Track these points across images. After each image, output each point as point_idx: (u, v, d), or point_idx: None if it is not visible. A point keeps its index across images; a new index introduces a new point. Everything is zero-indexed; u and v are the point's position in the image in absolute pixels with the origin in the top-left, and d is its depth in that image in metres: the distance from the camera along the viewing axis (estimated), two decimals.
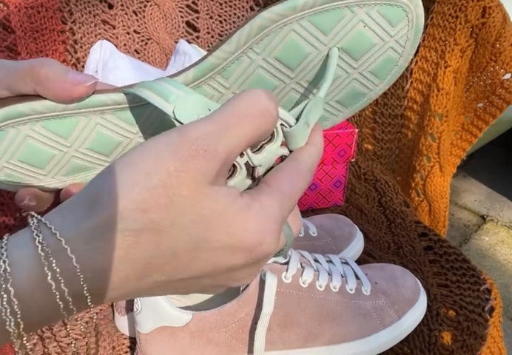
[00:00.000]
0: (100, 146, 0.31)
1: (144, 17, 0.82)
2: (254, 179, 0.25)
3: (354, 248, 0.61)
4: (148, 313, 0.45)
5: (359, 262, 0.60)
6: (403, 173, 0.89)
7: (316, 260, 0.51)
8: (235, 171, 0.24)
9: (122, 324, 0.53)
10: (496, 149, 1.66)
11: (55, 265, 0.20)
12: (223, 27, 0.86)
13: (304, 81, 0.30)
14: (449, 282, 0.59)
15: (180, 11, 0.84)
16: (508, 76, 0.78)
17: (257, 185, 0.25)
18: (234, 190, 0.22)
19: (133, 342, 0.53)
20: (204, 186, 0.21)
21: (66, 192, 0.32)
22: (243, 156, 0.24)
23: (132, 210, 0.20)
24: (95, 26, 0.78)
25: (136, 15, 0.81)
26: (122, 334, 0.54)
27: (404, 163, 0.88)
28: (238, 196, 0.22)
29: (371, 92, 0.32)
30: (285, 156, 0.26)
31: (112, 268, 0.20)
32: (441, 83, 0.77)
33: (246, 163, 0.24)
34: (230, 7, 0.85)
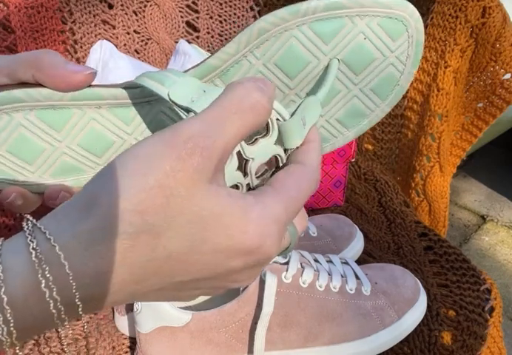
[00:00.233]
0: (92, 143, 0.31)
1: (144, 17, 0.82)
2: (245, 174, 0.25)
3: (354, 248, 0.61)
4: (148, 313, 0.45)
5: (359, 262, 0.60)
6: (403, 173, 0.88)
7: (316, 260, 0.51)
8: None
9: (122, 324, 0.53)
10: (496, 149, 1.66)
11: (48, 273, 0.19)
12: (223, 27, 0.86)
13: (304, 93, 0.30)
14: (449, 282, 0.59)
15: (180, 11, 0.84)
16: (508, 76, 0.78)
17: (256, 185, 0.25)
18: (235, 191, 0.22)
19: (133, 342, 0.53)
20: (202, 185, 0.20)
21: (50, 195, 0.31)
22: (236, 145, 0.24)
23: (128, 212, 0.19)
24: (95, 26, 0.78)
25: (136, 15, 0.81)
26: (122, 334, 0.54)
27: (404, 163, 0.88)
28: (240, 197, 0.21)
29: (372, 112, 0.32)
30: (280, 156, 0.26)
31: (111, 271, 0.20)
32: (441, 83, 0.77)
33: (238, 153, 0.24)
34: (230, 7, 0.85)
